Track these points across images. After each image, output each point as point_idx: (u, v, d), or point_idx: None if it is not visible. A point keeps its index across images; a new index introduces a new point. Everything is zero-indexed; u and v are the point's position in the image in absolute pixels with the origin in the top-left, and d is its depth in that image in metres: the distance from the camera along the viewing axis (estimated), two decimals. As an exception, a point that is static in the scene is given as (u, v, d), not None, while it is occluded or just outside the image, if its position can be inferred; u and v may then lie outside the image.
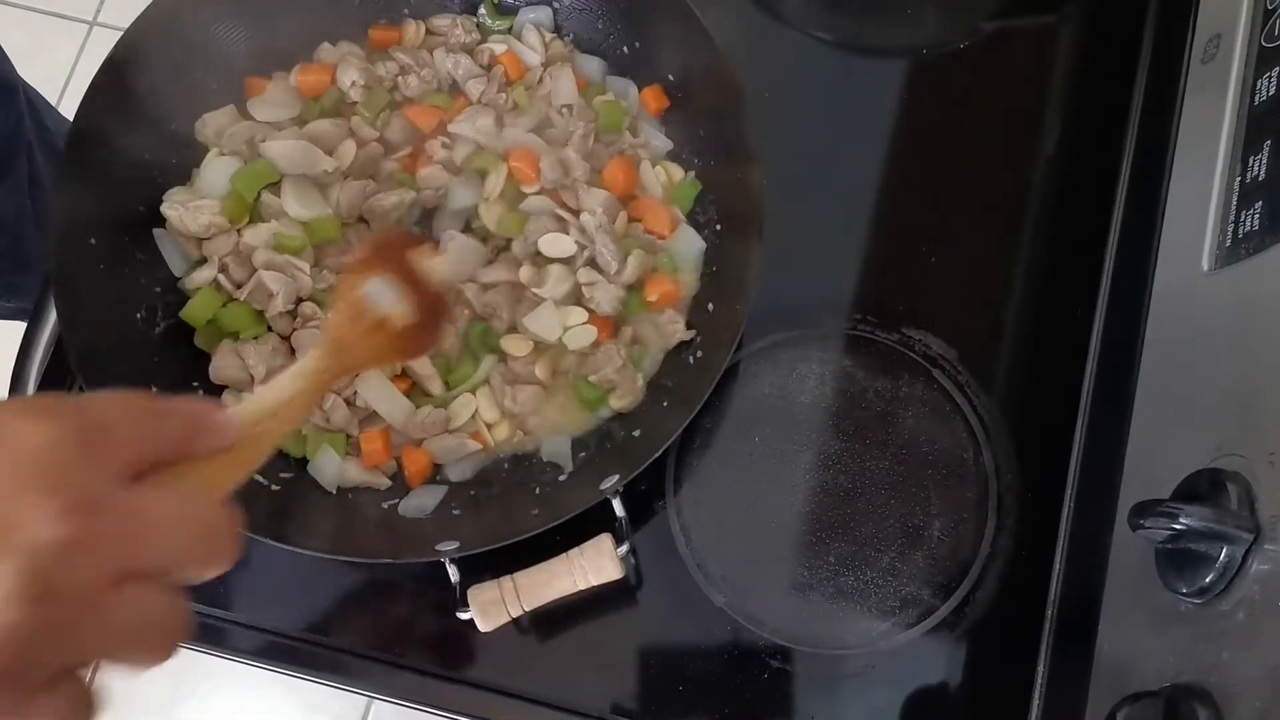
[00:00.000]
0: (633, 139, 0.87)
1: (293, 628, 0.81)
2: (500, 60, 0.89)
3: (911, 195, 0.91)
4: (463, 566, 0.75)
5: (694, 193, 0.86)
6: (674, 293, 0.84)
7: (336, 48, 0.89)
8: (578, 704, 0.79)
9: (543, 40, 0.90)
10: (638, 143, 0.87)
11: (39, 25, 2.15)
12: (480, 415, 0.82)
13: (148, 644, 0.40)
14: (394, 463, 0.82)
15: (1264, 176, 0.68)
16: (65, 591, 0.37)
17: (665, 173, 0.87)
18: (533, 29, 0.90)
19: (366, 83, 0.87)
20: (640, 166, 0.87)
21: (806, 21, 0.97)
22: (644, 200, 0.86)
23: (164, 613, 0.41)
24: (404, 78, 0.88)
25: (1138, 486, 0.73)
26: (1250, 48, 0.75)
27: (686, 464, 0.83)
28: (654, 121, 0.89)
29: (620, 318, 0.84)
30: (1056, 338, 0.86)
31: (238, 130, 0.84)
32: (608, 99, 0.88)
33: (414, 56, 0.89)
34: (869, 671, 0.79)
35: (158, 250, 0.83)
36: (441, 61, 0.89)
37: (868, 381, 0.85)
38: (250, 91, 0.87)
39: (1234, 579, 0.59)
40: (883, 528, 0.81)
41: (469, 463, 0.82)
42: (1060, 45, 0.95)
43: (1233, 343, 0.67)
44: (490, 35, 0.91)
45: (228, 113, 0.86)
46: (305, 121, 0.86)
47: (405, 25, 0.91)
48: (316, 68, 0.88)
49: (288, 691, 1.73)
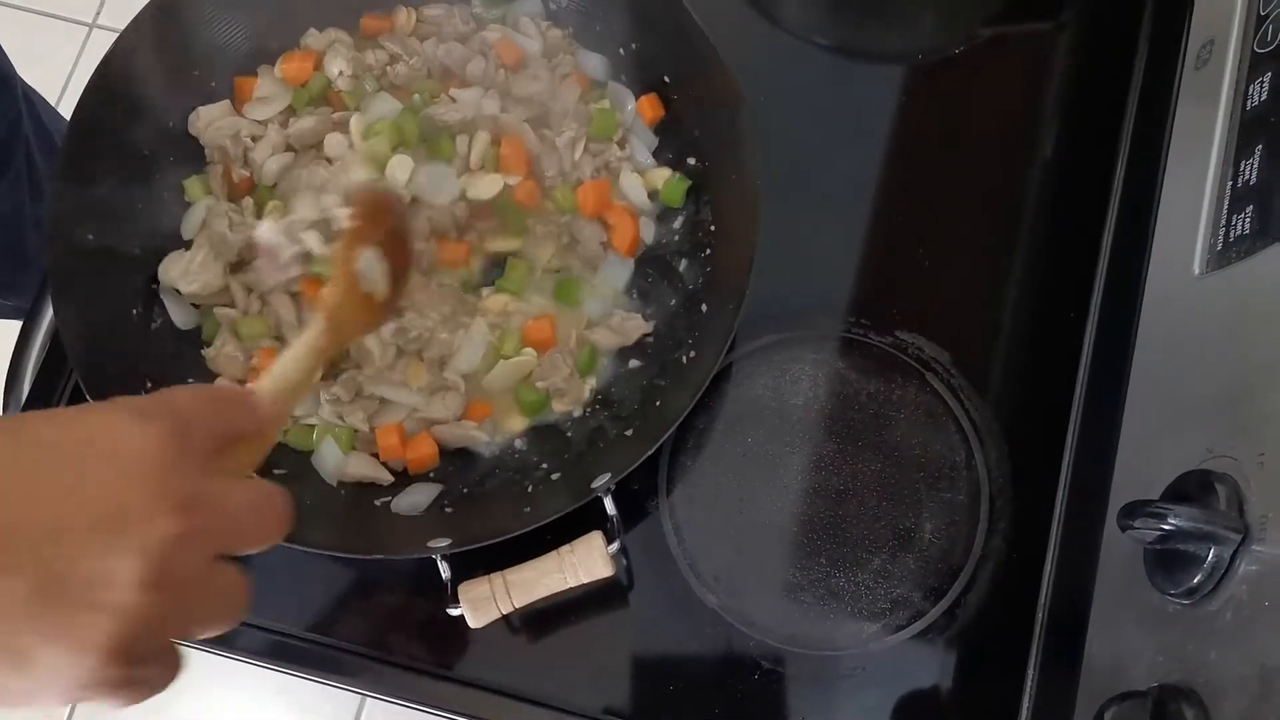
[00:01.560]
0: (619, 152, 0.88)
1: (284, 625, 0.81)
2: (495, 47, 0.90)
3: (906, 199, 0.91)
4: (454, 563, 0.75)
5: (684, 189, 0.87)
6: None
7: (323, 34, 0.90)
8: (568, 703, 0.78)
9: (539, 29, 0.90)
10: (622, 155, 0.88)
11: (38, 27, 2.16)
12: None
13: (226, 614, 0.46)
14: (401, 460, 0.82)
15: (1255, 181, 0.68)
16: (176, 578, 0.42)
17: (645, 180, 0.88)
18: (527, 20, 0.91)
19: (354, 72, 0.87)
20: (620, 177, 0.87)
21: (804, 26, 0.98)
22: (616, 209, 0.87)
23: (237, 584, 0.46)
24: (392, 66, 0.89)
25: (1128, 488, 0.74)
26: (1243, 53, 0.75)
27: (679, 464, 0.83)
28: (646, 130, 0.89)
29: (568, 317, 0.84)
30: (1049, 341, 0.86)
31: (223, 125, 0.85)
32: (603, 106, 0.88)
33: (403, 44, 0.89)
34: (860, 673, 0.79)
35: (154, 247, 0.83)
36: (432, 50, 0.89)
37: (861, 384, 0.85)
38: (241, 94, 0.88)
39: (1222, 579, 0.59)
40: (874, 530, 0.81)
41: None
42: (1055, 51, 0.96)
43: (1223, 346, 0.68)
44: (486, 25, 0.91)
45: (221, 107, 0.87)
46: (294, 111, 0.87)
47: (397, 13, 0.91)
48: (299, 55, 0.89)
49: (279, 693, 1.73)
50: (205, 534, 0.44)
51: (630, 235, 0.86)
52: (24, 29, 2.15)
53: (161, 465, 0.43)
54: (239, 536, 0.46)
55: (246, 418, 0.51)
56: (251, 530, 0.47)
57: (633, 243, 0.86)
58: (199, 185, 0.85)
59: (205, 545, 0.44)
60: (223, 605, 0.46)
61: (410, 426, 0.82)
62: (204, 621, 0.45)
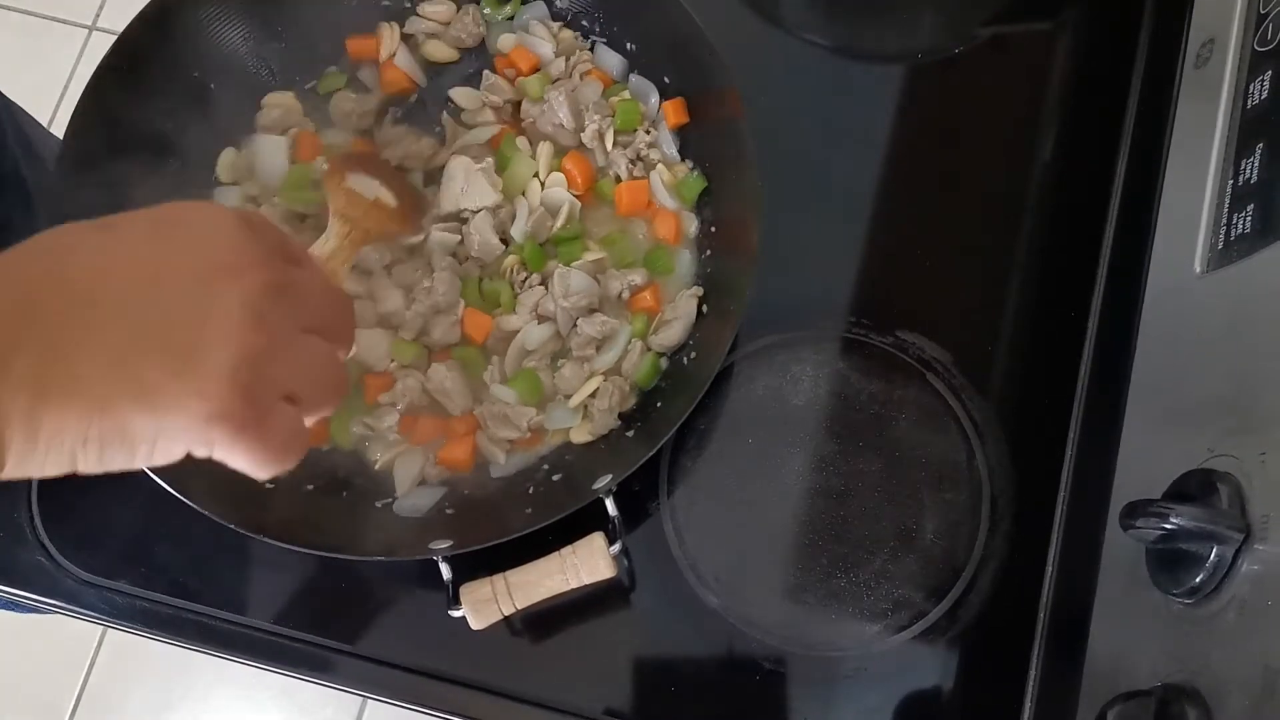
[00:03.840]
0: (646, 138, 0.87)
1: (285, 626, 0.81)
2: (511, 58, 0.90)
3: (907, 199, 0.91)
4: (455, 565, 0.75)
5: (700, 188, 0.87)
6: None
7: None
8: (570, 705, 0.78)
9: (551, 31, 0.91)
10: (649, 140, 0.87)
11: (38, 30, 2.16)
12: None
13: (325, 386, 0.51)
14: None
15: (1256, 180, 0.68)
16: (271, 325, 0.46)
17: (670, 172, 0.88)
18: (538, 23, 0.91)
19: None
20: (651, 177, 0.87)
21: (803, 26, 0.98)
22: (656, 210, 0.87)
23: (332, 362, 0.52)
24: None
25: (1130, 488, 0.73)
26: (1243, 52, 0.75)
27: (680, 465, 0.83)
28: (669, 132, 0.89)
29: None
30: (1050, 341, 0.86)
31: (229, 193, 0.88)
32: (625, 99, 0.88)
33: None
34: (862, 674, 0.79)
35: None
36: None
37: (862, 384, 0.85)
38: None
39: (1224, 579, 0.59)
40: (876, 530, 0.81)
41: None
42: (1056, 50, 0.95)
43: (1225, 344, 0.68)
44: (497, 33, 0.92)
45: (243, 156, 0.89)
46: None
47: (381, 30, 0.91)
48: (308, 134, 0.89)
49: (279, 694, 1.73)
50: (291, 293, 0.48)
51: (674, 227, 0.86)
52: (23, 32, 2.15)
53: (245, 235, 0.47)
54: (323, 315, 0.51)
55: (298, 248, 0.55)
56: (334, 317, 0.52)
57: (677, 232, 0.87)
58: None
59: (292, 307, 0.48)
60: (321, 373, 0.50)
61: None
62: (309, 386, 0.49)
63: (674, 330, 0.82)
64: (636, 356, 0.82)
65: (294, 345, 0.48)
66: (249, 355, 0.45)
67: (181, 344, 0.44)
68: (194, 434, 0.45)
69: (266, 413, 0.46)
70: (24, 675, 1.83)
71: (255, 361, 0.45)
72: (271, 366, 0.46)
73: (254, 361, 0.45)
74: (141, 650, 1.77)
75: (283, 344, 0.47)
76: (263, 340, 0.45)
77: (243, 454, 0.46)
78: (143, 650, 1.69)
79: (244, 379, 0.44)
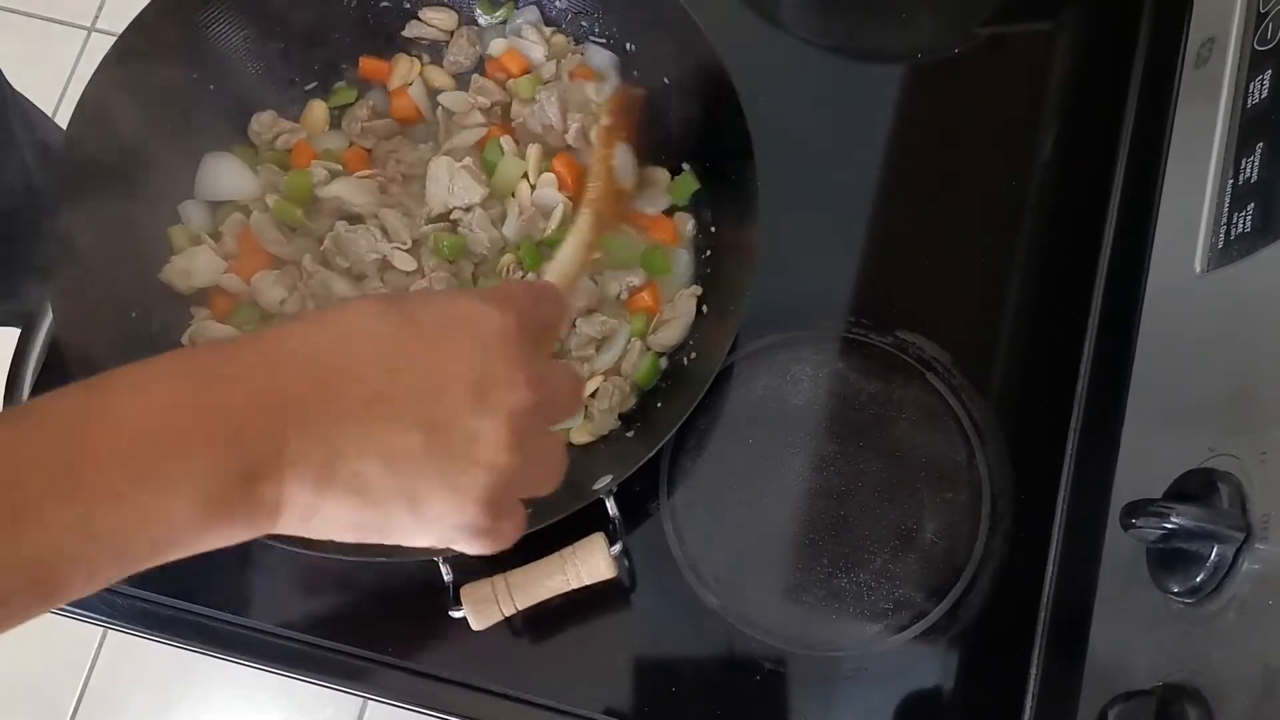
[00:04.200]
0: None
1: (286, 628, 0.81)
2: (502, 61, 0.90)
3: (907, 199, 0.91)
4: (456, 565, 0.75)
5: (693, 188, 0.86)
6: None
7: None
8: (570, 705, 0.78)
9: (543, 35, 0.90)
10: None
11: (37, 31, 2.16)
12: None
13: (554, 477, 0.53)
14: None
15: (1256, 179, 0.68)
16: (527, 443, 0.48)
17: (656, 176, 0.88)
18: (530, 27, 0.91)
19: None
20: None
21: (802, 26, 0.98)
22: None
23: (561, 451, 0.53)
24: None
25: (1130, 488, 0.73)
26: (1243, 51, 0.75)
27: (680, 465, 0.83)
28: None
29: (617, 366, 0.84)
30: (1050, 340, 0.86)
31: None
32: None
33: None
34: (862, 674, 0.79)
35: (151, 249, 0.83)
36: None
37: (862, 384, 0.85)
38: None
39: (1225, 578, 0.59)
40: (876, 530, 0.81)
41: None
42: (1055, 50, 0.95)
43: (1225, 343, 0.68)
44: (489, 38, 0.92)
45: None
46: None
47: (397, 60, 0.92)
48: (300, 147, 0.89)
49: (279, 694, 1.73)
50: (548, 405, 0.50)
51: (667, 227, 0.86)
52: (23, 33, 2.15)
53: (518, 343, 0.49)
54: (563, 410, 0.53)
55: (557, 307, 0.57)
56: (568, 406, 0.53)
57: (673, 233, 0.87)
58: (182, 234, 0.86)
59: (547, 416, 0.51)
60: (553, 468, 0.52)
61: None
62: (540, 483, 0.52)
63: (673, 330, 0.82)
64: (636, 356, 0.82)
65: (539, 451, 0.50)
66: (505, 477, 0.47)
67: (454, 460, 0.46)
68: (443, 539, 0.48)
69: (505, 518, 0.49)
70: (25, 676, 1.83)
71: (509, 482, 0.47)
72: (518, 480, 0.48)
73: (508, 482, 0.47)
74: (142, 651, 1.77)
75: (534, 459, 0.49)
76: (519, 461, 0.47)
77: (471, 551, 0.50)
78: (143, 651, 1.68)
79: (496, 497, 0.47)
